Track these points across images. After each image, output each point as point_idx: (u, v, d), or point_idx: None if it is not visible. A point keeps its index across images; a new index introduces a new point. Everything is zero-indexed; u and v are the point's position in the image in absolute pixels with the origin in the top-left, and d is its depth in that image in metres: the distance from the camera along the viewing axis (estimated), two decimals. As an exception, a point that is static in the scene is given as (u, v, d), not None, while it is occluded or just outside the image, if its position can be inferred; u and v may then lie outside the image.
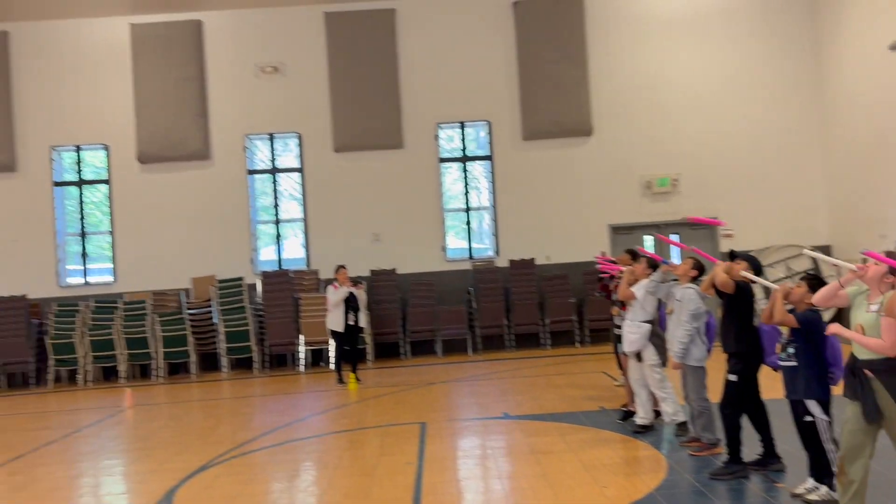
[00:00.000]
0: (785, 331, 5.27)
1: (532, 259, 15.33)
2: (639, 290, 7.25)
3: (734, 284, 5.82)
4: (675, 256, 15.18)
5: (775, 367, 5.53)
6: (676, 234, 15.71)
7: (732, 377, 5.88)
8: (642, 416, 7.49)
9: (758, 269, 5.90)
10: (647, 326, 7.23)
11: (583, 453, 6.77)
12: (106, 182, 15.81)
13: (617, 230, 15.63)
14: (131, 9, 15.40)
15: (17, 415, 11.62)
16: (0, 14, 15.26)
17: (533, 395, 10.02)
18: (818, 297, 4.68)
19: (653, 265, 7.28)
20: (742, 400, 5.90)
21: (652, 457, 6.66)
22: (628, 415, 7.87)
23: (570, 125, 15.62)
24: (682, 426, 7.15)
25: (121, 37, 15.56)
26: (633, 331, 7.30)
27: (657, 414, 7.57)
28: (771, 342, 5.64)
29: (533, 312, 14.91)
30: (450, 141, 16.24)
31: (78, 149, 15.89)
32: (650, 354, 7.24)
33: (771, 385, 6.31)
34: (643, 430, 7.40)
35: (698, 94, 15.69)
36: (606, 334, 12.77)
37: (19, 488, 6.83)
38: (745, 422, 5.95)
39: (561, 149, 15.70)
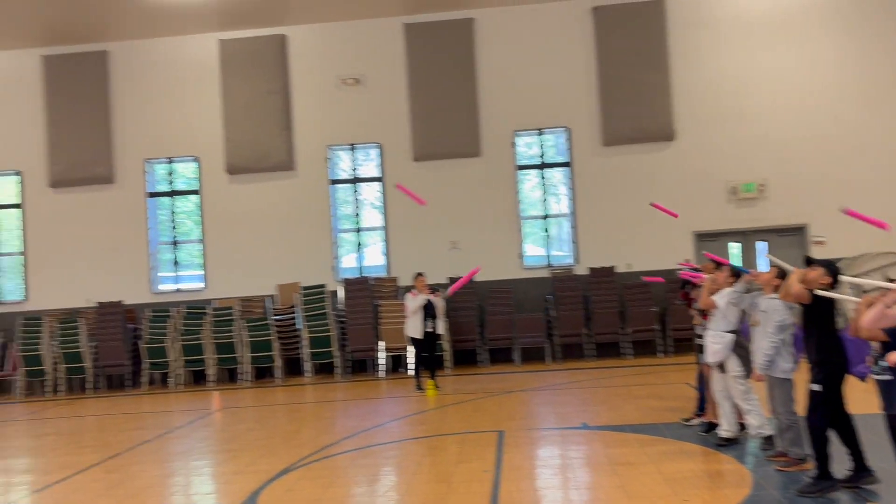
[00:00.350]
0: (875, 343, 5.04)
1: (612, 267, 15.12)
2: (720, 299, 7.06)
3: (810, 294, 5.58)
4: (763, 265, 14.72)
5: (862, 377, 5.28)
6: (764, 241, 15.25)
7: (816, 387, 5.64)
8: (726, 429, 7.27)
9: (835, 276, 5.63)
10: (731, 336, 7.03)
11: (663, 465, 6.63)
12: (196, 192, 16.47)
13: (701, 237, 15.25)
14: (220, 25, 16.01)
15: (115, 415, 12.21)
16: (101, 35, 16.13)
17: (613, 406, 9.87)
18: (867, 321, 4.55)
19: (735, 273, 7.07)
20: (828, 410, 5.65)
21: (736, 471, 6.47)
22: (711, 427, 7.66)
23: (651, 130, 15.36)
24: (768, 440, 6.90)
25: (210, 53, 16.21)
26: (715, 341, 7.11)
27: (742, 426, 7.34)
28: (856, 351, 5.40)
29: (613, 321, 14.69)
30: (529, 148, 16.20)
31: (170, 161, 16.61)
32: (733, 365, 7.02)
33: (861, 398, 6.06)
34: (727, 443, 7.18)
35: (786, 97, 15.18)
36: (690, 344, 12.46)
37: (116, 485, 7.18)
38: (834, 436, 5.71)
39: (642, 154, 15.45)
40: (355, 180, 16.40)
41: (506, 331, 14.85)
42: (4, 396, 15.38)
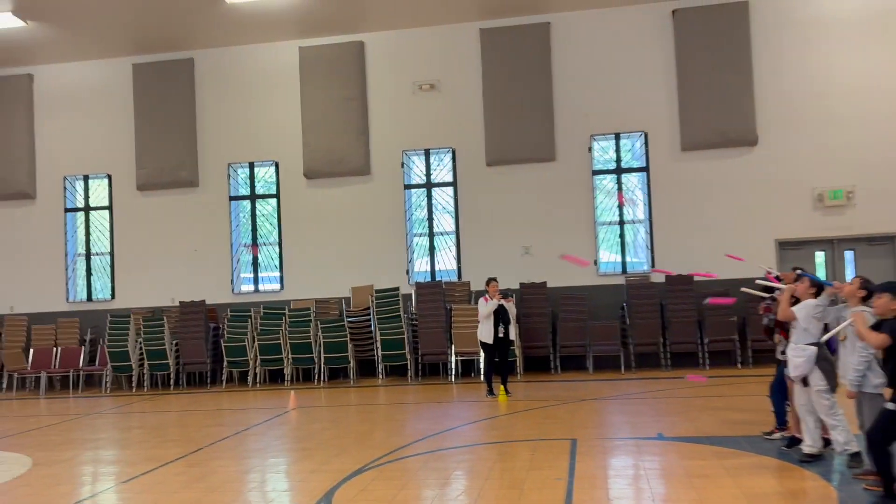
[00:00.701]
0: None
1: (690, 275, 14.76)
2: (800, 311, 6.81)
3: (890, 338, 5.43)
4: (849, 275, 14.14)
5: None
6: (851, 250, 14.66)
7: (891, 405, 5.44)
8: (810, 445, 7.01)
9: None
10: (813, 349, 6.77)
11: (742, 480, 6.44)
12: (275, 196, 16.89)
13: (785, 245, 14.77)
14: (300, 33, 16.39)
15: (196, 411, 12.62)
16: (187, 43, 16.75)
17: (689, 417, 9.65)
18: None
19: (818, 285, 6.81)
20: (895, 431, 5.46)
21: (819, 488, 6.23)
22: (794, 441, 7.40)
23: (732, 135, 14.97)
24: (854, 457, 6.62)
25: (290, 60, 16.61)
26: (797, 354, 6.86)
27: (827, 442, 7.06)
28: None
29: (691, 330, 14.36)
30: (604, 152, 16.00)
31: (251, 165, 17.09)
32: (817, 379, 6.77)
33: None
34: (810, 459, 6.92)
35: (875, 100, 14.57)
36: (770, 355, 12.07)
37: (197, 479, 7.42)
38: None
39: (723, 159, 15.08)
40: (429, 185, 16.52)
41: (579, 338, 14.69)
42: (94, 390, 16.11)
